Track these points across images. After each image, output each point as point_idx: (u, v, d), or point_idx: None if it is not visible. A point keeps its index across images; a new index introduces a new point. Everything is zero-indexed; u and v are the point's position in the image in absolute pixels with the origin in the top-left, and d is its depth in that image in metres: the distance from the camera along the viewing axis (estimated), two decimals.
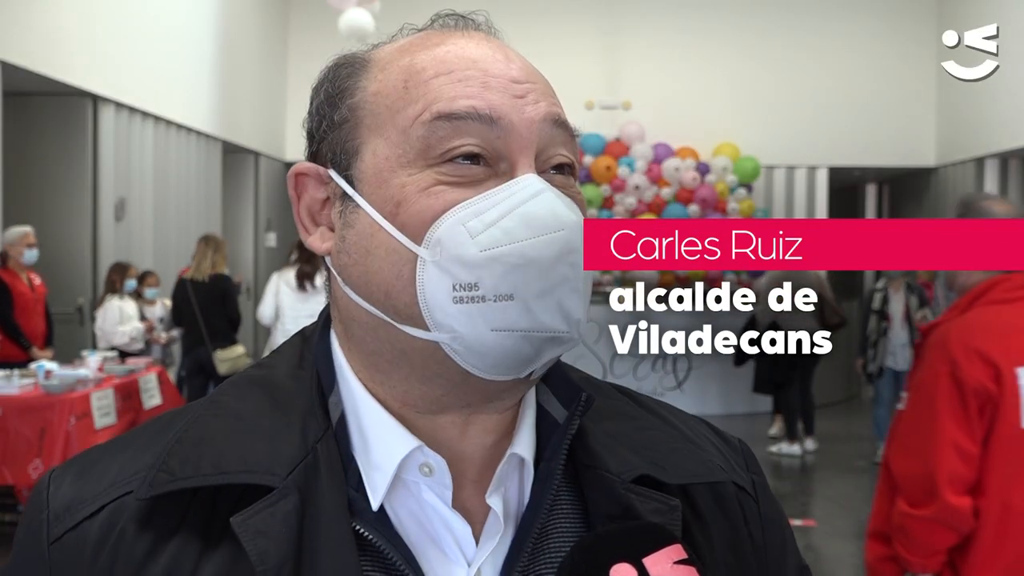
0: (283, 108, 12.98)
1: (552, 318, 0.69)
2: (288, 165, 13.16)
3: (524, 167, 0.71)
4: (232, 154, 11.52)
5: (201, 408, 0.75)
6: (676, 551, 0.70)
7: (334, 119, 0.75)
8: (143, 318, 7.21)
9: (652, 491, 0.74)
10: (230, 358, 6.80)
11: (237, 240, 11.49)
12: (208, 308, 6.80)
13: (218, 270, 6.93)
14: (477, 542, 0.73)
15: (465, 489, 0.74)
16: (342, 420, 0.74)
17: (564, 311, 0.69)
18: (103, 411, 5.45)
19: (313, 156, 0.78)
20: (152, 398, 6.09)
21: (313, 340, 0.79)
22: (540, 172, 0.72)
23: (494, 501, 0.73)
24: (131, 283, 7.05)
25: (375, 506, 0.71)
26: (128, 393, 5.85)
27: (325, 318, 0.80)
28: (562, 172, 0.74)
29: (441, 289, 0.69)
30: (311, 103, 0.78)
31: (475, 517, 0.73)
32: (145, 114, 8.89)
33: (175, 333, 7.27)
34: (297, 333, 0.81)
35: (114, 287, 6.99)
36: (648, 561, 0.68)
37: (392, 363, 0.73)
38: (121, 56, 8.37)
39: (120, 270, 7.05)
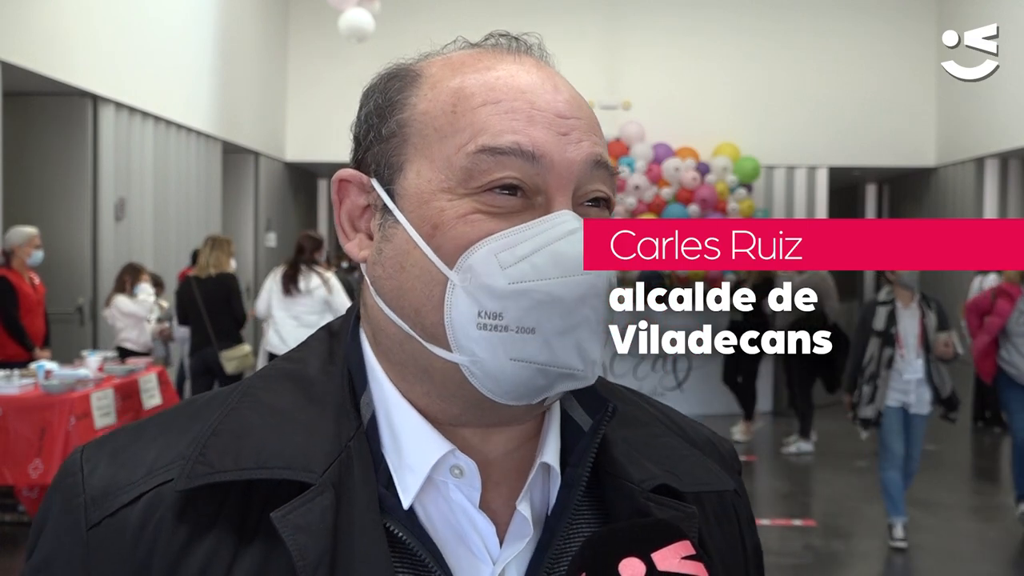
0: (283, 108, 12.98)
1: (569, 356, 0.70)
2: (288, 165, 13.16)
3: (560, 204, 0.73)
4: (232, 154, 11.53)
5: (234, 399, 0.76)
6: (685, 547, 0.71)
7: (382, 132, 0.77)
8: None
9: (670, 499, 0.77)
10: (236, 357, 6.81)
11: (237, 240, 11.46)
12: (213, 307, 6.80)
13: (224, 269, 6.94)
14: (500, 542, 0.74)
15: (489, 491, 0.76)
16: (372, 420, 0.76)
17: (582, 351, 0.71)
18: (103, 411, 5.45)
19: (357, 163, 0.79)
20: (152, 398, 6.10)
21: (343, 337, 0.80)
22: (576, 205, 0.74)
23: (524, 507, 0.75)
24: (140, 287, 7.16)
25: (406, 505, 0.73)
26: (128, 393, 5.85)
27: (355, 317, 0.81)
28: (598, 205, 0.76)
29: (467, 314, 0.70)
30: (360, 109, 0.79)
31: (499, 518, 0.75)
32: (145, 114, 8.90)
33: (183, 331, 7.28)
34: (323, 328, 0.83)
35: (123, 287, 7.05)
36: (657, 556, 0.70)
37: (416, 376, 0.75)
38: (121, 56, 8.38)
39: (132, 272, 7.15)
